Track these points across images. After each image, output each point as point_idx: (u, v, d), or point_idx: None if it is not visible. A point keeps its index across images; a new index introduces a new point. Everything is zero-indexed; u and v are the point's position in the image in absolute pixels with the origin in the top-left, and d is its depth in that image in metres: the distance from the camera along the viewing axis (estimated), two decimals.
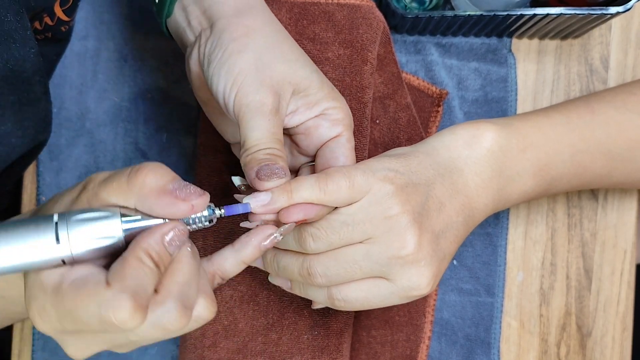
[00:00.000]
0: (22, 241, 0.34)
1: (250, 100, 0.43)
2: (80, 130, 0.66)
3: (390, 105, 0.62)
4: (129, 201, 0.37)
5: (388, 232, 0.42)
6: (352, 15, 0.58)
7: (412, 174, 0.45)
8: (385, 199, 0.42)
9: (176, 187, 0.37)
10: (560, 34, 0.66)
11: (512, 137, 0.48)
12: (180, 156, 0.66)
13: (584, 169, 0.51)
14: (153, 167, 0.37)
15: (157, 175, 0.36)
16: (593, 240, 0.67)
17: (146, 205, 0.37)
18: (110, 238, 0.36)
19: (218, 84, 0.45)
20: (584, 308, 0.67)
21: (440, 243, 0.45)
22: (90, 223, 0.35)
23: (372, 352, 0.62)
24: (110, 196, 0.37)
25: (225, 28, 0.46)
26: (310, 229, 0.43)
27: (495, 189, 0.48)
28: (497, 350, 0.65)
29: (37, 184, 0.66)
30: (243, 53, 0.44)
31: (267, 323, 0.56)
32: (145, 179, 0.36)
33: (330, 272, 0.43)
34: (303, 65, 0.46)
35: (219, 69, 0.45)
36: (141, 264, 0.35)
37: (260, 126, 0.43)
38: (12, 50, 0.46)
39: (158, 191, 0.36)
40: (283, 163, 0.42)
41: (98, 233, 0.35)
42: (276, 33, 0.47)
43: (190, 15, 0.49)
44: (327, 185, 0.42)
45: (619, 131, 0.52)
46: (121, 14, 0.66)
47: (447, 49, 0.66)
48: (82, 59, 0.66)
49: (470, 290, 0.65)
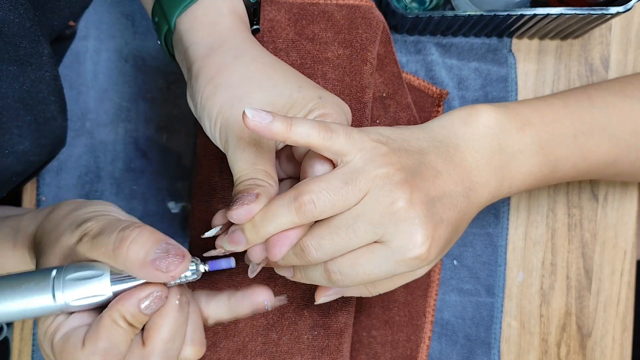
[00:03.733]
0: (23, 297, 0.39)
1: (229, 137, 0.45)
2: (80, 130, 0.66)
3: (390, 105, 0.62)
4: (115, 264, 0.39)
5: (381, 189, 0.41)
6: (351, 15, 0.58)
7: (404, 142, 0.44)
8: (379, 158, 0.42)
9: (157, 258, 0.38)
10: (561, 34, 0.65)
11: (510, 116, 0.48)
12: (180, 156, 0.66)
13: (588, 152, 0.51)
14: (136, 239, 0.39)
15: (139, 245, 0.38)
16: (593, 241, 0.67)
17: (131, 273, 0.39)
18: (101, 296, 0.40)
19: (205, 124, 0.46)
20: (584, 308, 0.67)
21: (437, 206, 0.43)
22: (84, 283, 0.39)
23: (373, 352, 0.62)
24: (99, 258, 0.40)
25: (200, 71, 0.47)
26: (309, 196, 0.41)
27: (497, 166, 0.47)
28: (497, 351, 0.65)
29: (37, 184, 0.66)
30: (217, 94, 0.46)
31: (267, 323, 0.56)
32: (128, 252, 0.38)
33: (325, 243, 0.42)
34: (282, 89, 0.46)
35: (202, 112, 0.46)
36: (115, 326, 0.38)
37: (240, 159, 0.44)
38: (28, 73, 0.47)
39: (140, 264, 0.38)
40: (260, 190, 0.42)
41: (90, 292, 0.40)
42: (250, 63, 0.47)
43: (177, 55, 0.50)
44: (328, 129, 0.41)
45: (620, 116, 0.51)
46: (121, 14, 0.66)
47: (448, 49, 0.66)
48: (82, 59, 0.66)
49: (470, 290, 0.65)
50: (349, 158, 0.42)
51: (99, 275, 0.40)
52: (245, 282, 0.57)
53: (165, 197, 0.66)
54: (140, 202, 0.66)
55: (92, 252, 0.40)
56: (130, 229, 0.39)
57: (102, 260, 0.40)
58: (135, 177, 0.66)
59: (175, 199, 0.66)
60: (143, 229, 0.39)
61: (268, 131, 0.40)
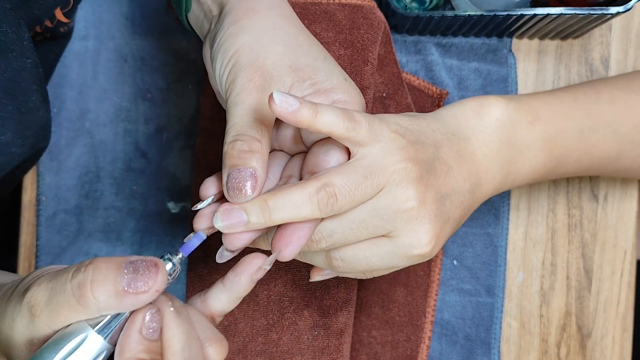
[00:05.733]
0: None
1: (238, 77, 0.42)
2: (80, 130, 0.66)
3: (390, 105, 0.62)
4: (88, 314, 0.34)
5: (397, 185, 0.41)
6: (353, 16, 0.58)
7: (421, 134, 0.43)
8: (397, 151, 0.41)
9: (130, 282, 0.34)
10: (561, 34, 0.65)
11: (521, 110, 0.48)
12: (180, 156, 0.66)
13: (592, 147, 0.51)
14: (95, 277, 0.34)
15: (102, 281, 0.34)
16: (593, 241, 0.67)
17: (109, 311, 0.35)
18: (100, 354, 0.35)
19: (216, 66, 0.44)
20: (584, 308, 0.67)
21: (446, 204, 0.43)
22: (73, 354, 0.34)
23: (373, 352, 0.62)
24: (69, 319, 0.34)
25: (229, 12, 0.45)
26: (332, 189, 0.39)
27: (504, 160, 0.47)
28: (497, 351, 0.65)
29: (37, 184, 0.66)
30: (240, 35, 0.44)
31: (267, 323, 0.56)
32: (95, 295, 0.34)
33: (335, 235, 0.41)
34: (307, 51, 0.45)
35: (217, 51, 0.44)
36: None
37: (242, 102, 0.41)
38: (10, 60, 0.45)
39: (115, 298, 0.34)
40: (256, 163, 0.40)
41: (84, 357, 0.34)
42: (281, 18, 0.45)
43: (204, 6, 0.48)
44: (352, 120, 0.40)
45: (625, 111, 0.52)
46: (121, 14, 0.66)
47: (448, 49, 0.66)
48: (82, 59, 0.66)
49: (470, 290, 0.65)
50: (367, 149, 0.41)
51: (81, 336, 0.34)
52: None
53: (165, 197, 0.66)
54: (140, 202, 0.66)
55: (54, 320, 0.34)
56: (81, 271, 0.34)
57: (71, 320, 0.34)
58: (135, 177, 0.66)
59: (175, 199, 0.66)
60: (94, 263, 0.34)
61: (293, 117, 0.38)
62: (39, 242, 0.65)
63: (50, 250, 0.65)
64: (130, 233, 0.66)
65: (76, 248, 0.65)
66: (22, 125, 0.49)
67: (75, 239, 0.65)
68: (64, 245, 0.65)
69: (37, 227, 0.65)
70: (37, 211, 0.65)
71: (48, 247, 0.65)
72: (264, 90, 0.42)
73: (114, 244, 0.66)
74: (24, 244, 0.66)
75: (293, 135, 0.46)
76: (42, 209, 0.65)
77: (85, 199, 0.65)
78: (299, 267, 0.57)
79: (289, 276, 0.57)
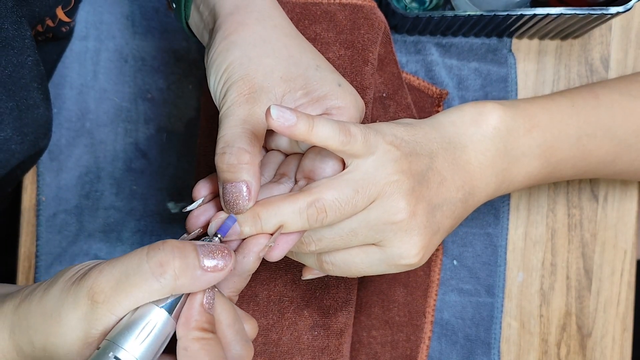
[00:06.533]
0: None
1: (229, 91, 0.43)
2: (80, 130, 0.66)
3: (390, 105, 0.62)
4: (161, 294, 0.36)
5: (388, 197, 0.41)
6: (353, 16, 0.58)
7: (417, 144, 0.44)
8: (391, 164, 0.42)
9: (209, 262, 0.36)
10: (561, 34, 0.66)
11: (519, 117, 0.48)
12: (180, 156, 0.66)
13: (589, 153, 0.51)
14: (179, 255, 0.35)
15: (185, 261, 0.36)
16: (593, 241, 0.67)
17: (183, 289, 0.36)
18: (165, 334, 0.36)
19: (210, 81, 0.45)
20: (584, 308, 0.67)
21: (436, 215, 0.44)
22: (149, 336, 0.35)
23: (373, 352, 0.62)
24: (137, 301, 0.35)
25: (220, 26, 0.46)
26: (322, 204, 0.40)
27: (500, 169, 0.47)
28: (497, 351, 0.65)
29: (37, 184, 0.66)
30: (231, 50, 0.44)
31: (267, 323, 0.56)
32: (178, 271, 0.35)
33: (325, 241, 0.42)
34: (298, 61, 0.45)
35: (211, 67, 0.45)
36: (202, 342, 0.36)
37: (232, 114, 0.42)
38: (10, 57, 0.46)
39: (195, 275, 0.36)
40: (247, 174, 0.40)
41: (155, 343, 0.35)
42: (271, 29, 0.46)
43: (202, 16, 0.49)
44: (347, 133, 0.40)
45: (624, 116, 0.51)
46: (121, 14, 0.66)
47: (447, 49, 0.66)
48: (82, 59, 0.66)
49: (470, 290, 0.65)
50: (361, 161, 0.41)
51: (157, 317, 0.35)
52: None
53: (165, 197, 0.66)
54: (140, 202, 0.66)
55: (121, 304, 0.35)
56: (159, 250, 0.35)
57: (139, 302, 0.35)
58: (135, 177, 0.66)
59: (175, 199, 0.66)
60: (170, 243, 0.36)
61: (289, 131, 0.39)
62: (39, 242, 0.65)
63: (50, 250, 0.65)
64: (130, 233, 0.66)
65: (76, 248, 0.65)
66: (21, 122, 0.49)
67: (75, 239, 0.65)
68: (64, 245, 0.65)
69: (37, 227, 0.65)
70: (37, 211, 0.65)
71: (48, 247, 0.65)
72: (254, 102, 0.43)
73: (114, 244, 0.66)
74: (24, 244, 0.66)
75: (289, 140, 0.47)
76: (42, 209, 0.65)
77: (85, 199, 0.65)
78: (299, 267, 0.57)
79: (289, 276, 0.57)
